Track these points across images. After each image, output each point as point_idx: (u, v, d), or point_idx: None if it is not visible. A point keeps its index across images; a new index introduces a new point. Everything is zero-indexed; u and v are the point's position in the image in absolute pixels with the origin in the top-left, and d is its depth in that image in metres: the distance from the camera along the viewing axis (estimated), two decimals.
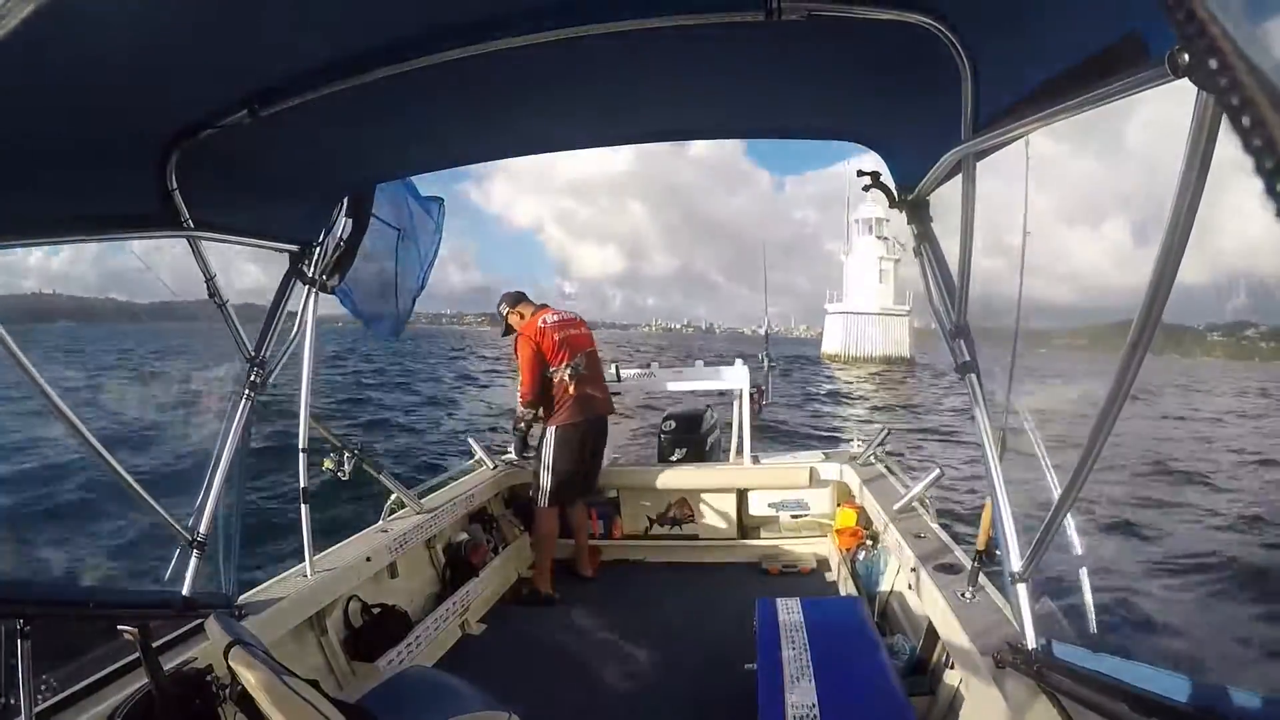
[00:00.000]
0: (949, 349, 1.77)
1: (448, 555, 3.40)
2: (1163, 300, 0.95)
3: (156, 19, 1.07)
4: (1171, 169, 0.81)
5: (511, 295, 3.66)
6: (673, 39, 1.33)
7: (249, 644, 1.34)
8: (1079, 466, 1.27)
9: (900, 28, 1.24)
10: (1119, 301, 1.67)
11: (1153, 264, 0.93)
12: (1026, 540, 1.56)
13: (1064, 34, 1.02)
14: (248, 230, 2.00)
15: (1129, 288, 1.05)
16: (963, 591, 2.04)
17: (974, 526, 1.99)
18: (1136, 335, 1.00)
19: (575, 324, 3.57)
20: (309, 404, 2.47)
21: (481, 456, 4.04)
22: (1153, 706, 1.12)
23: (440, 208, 2.69)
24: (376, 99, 1.49)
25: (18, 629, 1.29)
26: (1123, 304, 1.07)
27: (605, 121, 1.96)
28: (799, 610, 2.21)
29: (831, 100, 1.78)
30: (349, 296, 2.43)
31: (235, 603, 2.10)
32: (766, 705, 1.76)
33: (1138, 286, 0.96)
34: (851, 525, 3.43)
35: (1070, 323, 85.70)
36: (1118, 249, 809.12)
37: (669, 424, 4.29)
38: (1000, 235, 1.65)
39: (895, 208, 1.94)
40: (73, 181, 1.42)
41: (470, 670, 2.34)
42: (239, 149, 1.64)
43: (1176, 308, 0.90)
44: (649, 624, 3.13)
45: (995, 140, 1.29)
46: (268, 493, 6.91)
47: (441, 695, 1.77)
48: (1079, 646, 1.44)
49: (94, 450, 1.66)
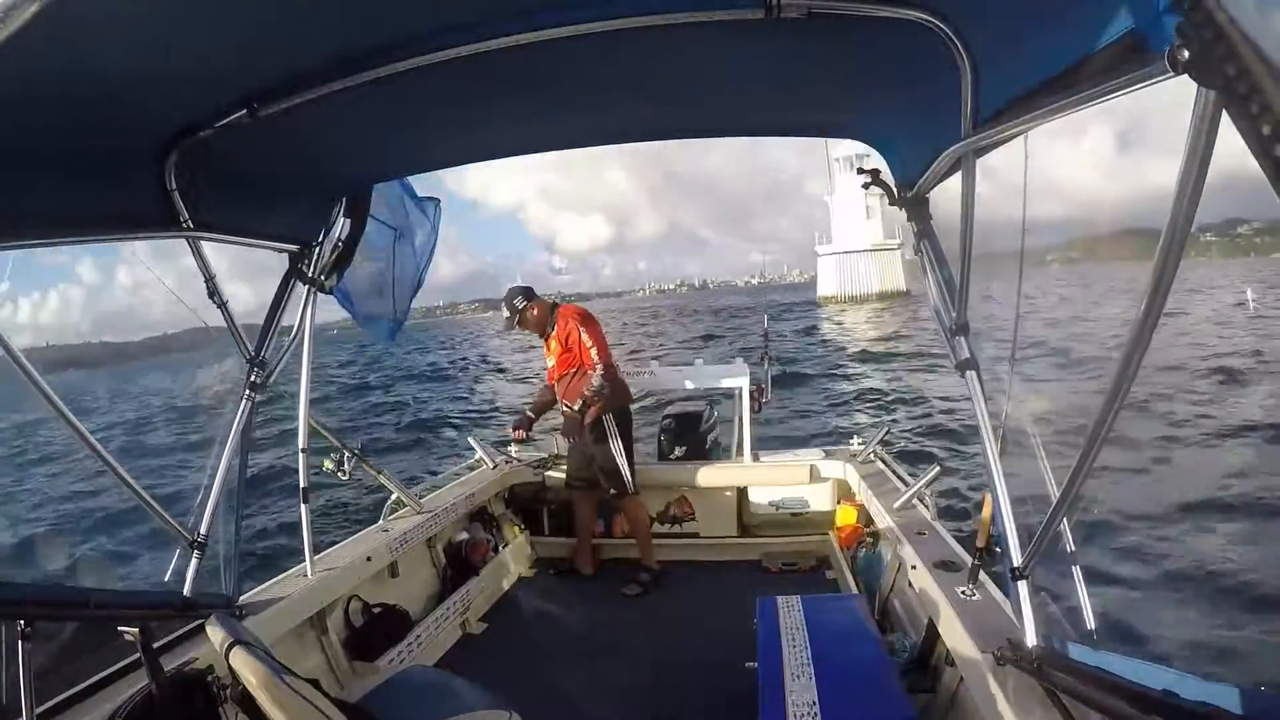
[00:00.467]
0: (949, 347, 1.76)
1: (448, 555, 3.40)
2: (1164, 296, 0.94)
3: (156, 20, 1.07)
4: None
5: (526, 289, 3.65)
6: (672, 36, 1.32)
7: (250, 644, 1.34)
8: (1079, 463, 1.26)
9: (900, 25, 1.23)
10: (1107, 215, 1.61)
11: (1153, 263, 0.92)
12: (1026, 537, 1.56)
13: (1063, 31, 1.02)
14: (247, 230, 2.00)
15: (1113, 196, 1.00)
16: (963, 589, 2.04)
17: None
18: (1137, 332, 1.00)
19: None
20: (309, 404, 2.47)
21: (482, 456, 4.05)
22: (1153, 703, 1.12)
23: (437, 208, 2.69)
24: (375, 99, 1.49)
25: (18, 629, 1.29)
26: (1108, 217, 1.02)
27: (603, 120, 1.96)
28: (799, 608, 2.21)
29: (831, 98, 1.77)
30: (348, 297, 2.43)
31: (236, 603, 2.10)
32: (767, 703, 1.76)
33: (1119, 195, 0.92)
34: (852, 523, 3.43)
35: (1060, 238, 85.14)
36: (1101, 160, 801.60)
37: (668, 422, 4.29)
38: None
39: (895, 205, 1.94)
40: (72, 182, 1.42)
41: (470, 670, 2.34)
42: (238, 149, 1.64)
43: (1163, 217, 0.86)
44: (649, 622, 3.13)
45: (995, 138, 1.29)
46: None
47: (442, 695, 1.77)
48: (1079, 643, 1.44)
49: (95, 452, 1.66)
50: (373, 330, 2.67)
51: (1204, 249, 60.06)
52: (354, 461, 2.79)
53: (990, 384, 1.72)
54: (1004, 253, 1.62)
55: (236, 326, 2.07)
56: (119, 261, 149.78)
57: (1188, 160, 0.79)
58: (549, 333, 3.61)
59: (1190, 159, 0.78)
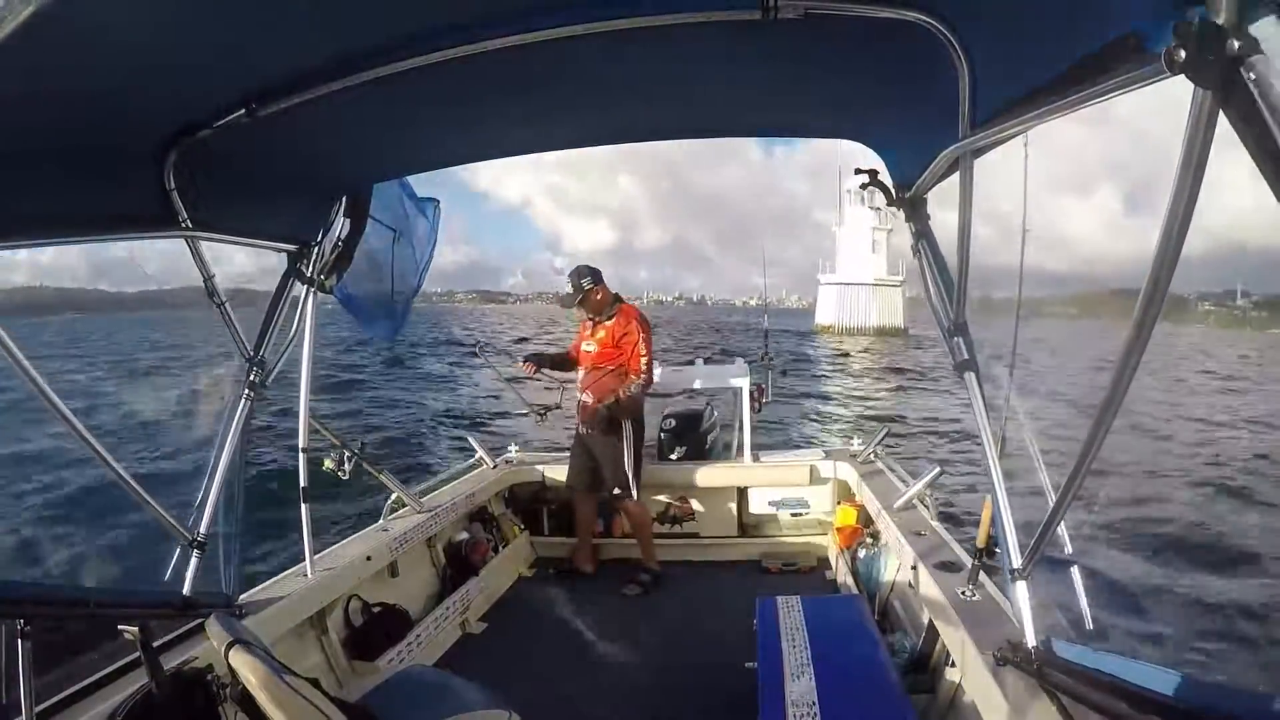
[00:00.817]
0: (947, 347, 1.76)
1: (448, 554, 3.40)
2: (1162, 296, 0.94)
3: (154, 19, 1.07)
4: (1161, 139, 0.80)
5: (595, 270, 3.58)
6: (669, 37, 1.32)
7: (249, 643, 1.34)
8: (1078, 464, 1.26)
9: (897, 26, 1.23)
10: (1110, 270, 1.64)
11: (1151, 263, 0.93)
12: (1026, 537, 1.56)
13: (1061, 32, 1.02)
14: (246, 230, 2.00)
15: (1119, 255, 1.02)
16: (963, 589, 2.04)
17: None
18: (1134, 335, 1.00)
19: None
20: (309, 404, 2.47)
21: (482, 455, 4.05)
22: (1152, 704, 1.13)
23: (436, 209, 2.69)
24: (374, 99, 1.49)
25: (18, 629, 1.29)
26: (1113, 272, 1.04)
27: (602, 120, 1.96)
28: (799, 608, 2.21)
29: (829, 99, 1.77)
30: (348, 297, 2.43)
31: (235, 602, 2.11)
32: (767, 703, 1.76)
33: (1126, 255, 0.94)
34: (852, 523, 3.43)
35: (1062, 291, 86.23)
36: (1110, 217, 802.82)
37: (669, 422, 4.29)
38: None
39: (893, 205, 1.94)
40: (71, 182, 1.42)
41: (470, 669, 2.34)
42: (237, 149, 1.64)
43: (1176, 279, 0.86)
44: (649, 622, 3.13)
45: (993, 138, 1.29)
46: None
47: (442, 694, 1.77)
48: (1079, 644, 1.44)
49: (94, 450, 1.66)
50: (373, 330, 2.68)
51: (1203, 317, 60.23)
52: (354, 461, 2.79)
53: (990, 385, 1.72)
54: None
55: (236, 326, 2.07)
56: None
57: (1184, 161, 0.79)
58: (600, 320, 3.56)
59: (1187, 159, 0.79)
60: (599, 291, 3.54)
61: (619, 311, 3.55)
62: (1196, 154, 0.77)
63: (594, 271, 3.58)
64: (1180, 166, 0.80)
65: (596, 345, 3.56)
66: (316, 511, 2.47)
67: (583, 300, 3.53)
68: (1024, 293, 1.61)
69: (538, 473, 4.02)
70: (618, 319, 3.53)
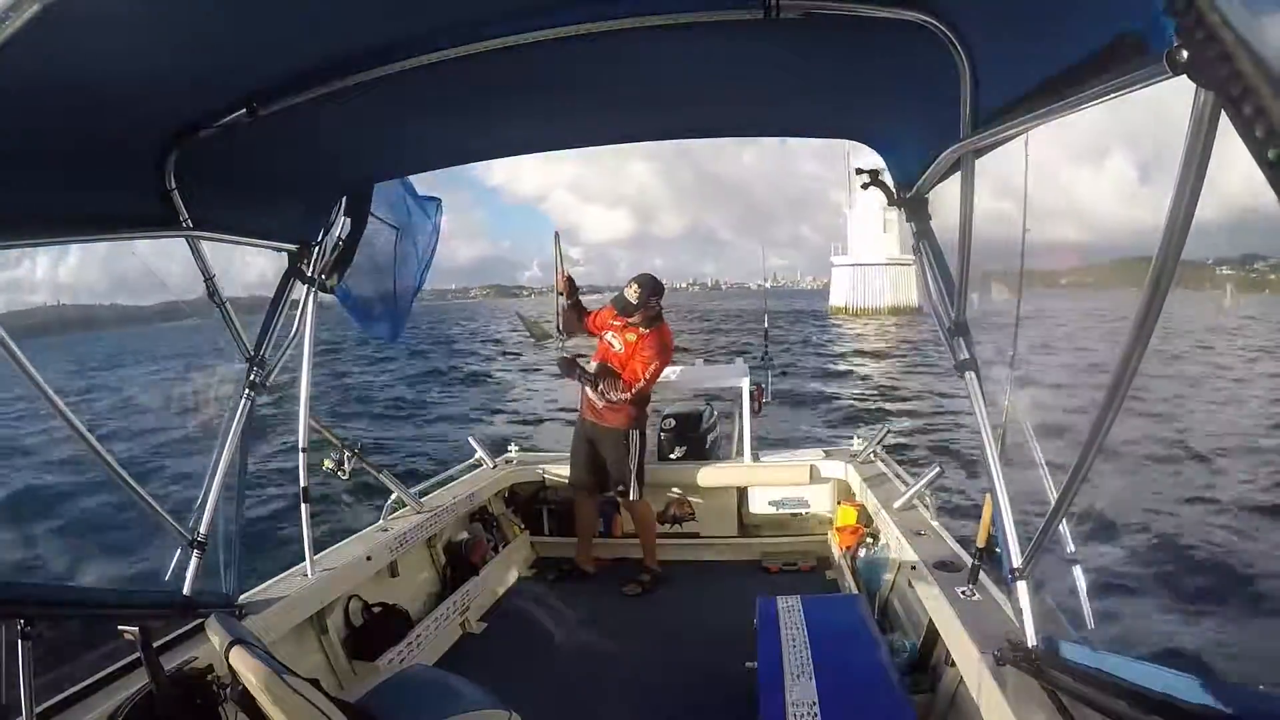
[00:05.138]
0: (948, 347, 1.76)
1: (448, 554, 3.40)
2: (1162, 296, 0.94)
3: (155, 19, 1.07)
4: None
5: (660, 286, 3.52)
6: (671, 37, 1.32)
7: (250, 643, 1.34)
8: (1079, 463, 1.26)
9: (898, 26, 1.23)
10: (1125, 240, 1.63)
11: (1152, 263, 0.92)
12: (1026, 537, 1.56)
13: (1062, 32, 1.02)
14: (246, 230, 2.00)
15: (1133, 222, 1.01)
16: (963, 589, 2.04)
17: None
18: (1136, 330, 1.00)
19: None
20: (309, 404, 2.47)
21: (482, 455, 4.04)
22: (1153, 704, 1.12)
23: (438, 207, 2.69)
24: (375, 98, 1.49)
25: (18, 629, 1.29)
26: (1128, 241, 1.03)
27: (603, 120, 1.96)
28: (799, 608, 2.21)
29: (830, 98, 1.78)
30: (349, 296, 2.43)
31: (236, 602, 2.10)
32: (767, 703, 1.76)
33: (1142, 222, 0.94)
34: (852, 523, 3.43)
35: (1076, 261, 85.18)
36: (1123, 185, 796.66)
37: (668, 422, 4.29)
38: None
39: (894, 205, 1.94)
40: (71, 181, 1.42)
41: (470, 669, 2.34)
42: (238, 148, 1.64)
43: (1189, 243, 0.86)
44: (649, 622, 3.13)
45: (994, 138, 1.29)
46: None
47: (442, 694, 1.77)
48: (1079, 644, 1.44)
49: (94, 450, 1.66)
50: (374, 330, 2.67)
51: (1220, 282, 59.87)
52: (354, 461, 2.79)
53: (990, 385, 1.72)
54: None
55: (237, 326, 2.07)
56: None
57: (1186, 161, 0.79)
58: (634, 325, 3.52)
59: (1188, 159, 0.79)
60: (654, 308, 3.52)
61: (658, 329, 3.54)
62: (1198, 155, 0.77)
63: (659, 287, 3.52)
64: (1181, 167, 0.80)
65: (622, 345, 3.54)
66: (316, 511, 2.47)
67: (640, 308, 3.49)
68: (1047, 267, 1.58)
69: (538, 472, 4.02)
70: (651, 335, 3.51)
